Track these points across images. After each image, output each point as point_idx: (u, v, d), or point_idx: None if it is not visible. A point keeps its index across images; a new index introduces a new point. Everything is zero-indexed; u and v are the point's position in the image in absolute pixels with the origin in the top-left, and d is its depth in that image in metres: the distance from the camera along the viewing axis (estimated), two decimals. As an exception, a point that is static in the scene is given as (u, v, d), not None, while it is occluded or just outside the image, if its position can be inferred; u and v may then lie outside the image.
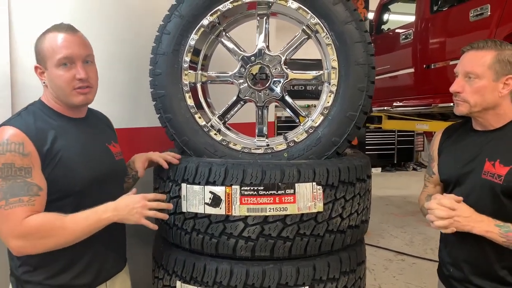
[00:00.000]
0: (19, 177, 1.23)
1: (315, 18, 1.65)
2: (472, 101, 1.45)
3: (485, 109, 1.47)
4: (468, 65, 1.47)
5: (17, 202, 1.22)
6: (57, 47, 1.33)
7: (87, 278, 1.40)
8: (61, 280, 1.35)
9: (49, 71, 1.34)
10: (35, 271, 1.33)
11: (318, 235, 1.53)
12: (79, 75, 1.35)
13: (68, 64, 1.34)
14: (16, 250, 1.26)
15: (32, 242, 1.24)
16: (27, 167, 1.25)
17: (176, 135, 1.74)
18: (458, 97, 1.49)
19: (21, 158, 1.24)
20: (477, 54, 1.46)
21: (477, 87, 1.44)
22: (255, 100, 1.77)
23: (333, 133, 1.67)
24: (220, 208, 1.50)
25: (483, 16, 3.66)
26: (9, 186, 1.22)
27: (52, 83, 1.36)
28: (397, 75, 4.99)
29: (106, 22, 1.99)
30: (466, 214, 1.33)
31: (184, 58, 1.72)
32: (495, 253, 1.43)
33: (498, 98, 1.44)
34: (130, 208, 1.33)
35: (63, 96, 1.37)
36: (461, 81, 1.48)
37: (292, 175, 1.49)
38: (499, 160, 1.43)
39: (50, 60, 1.33)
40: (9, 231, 1.23)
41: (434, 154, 1.71)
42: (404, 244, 4.76)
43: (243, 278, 1.50)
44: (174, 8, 1.70)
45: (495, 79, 1.43)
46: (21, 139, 1.25)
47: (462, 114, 1.51)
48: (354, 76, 1.64)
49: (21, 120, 1.30)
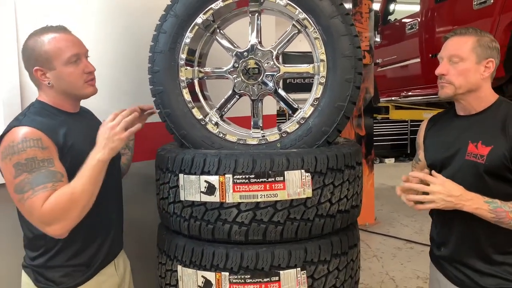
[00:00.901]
0: (43, 168, 1.31)
1: (303, 13, 1.72)
2: (457, 82, 1.53)
3: (468, 91, 1.55)
4: (452, 49, 1.55)
5: (41, 189, 1.28)
6: (64, 47, 1.43)
7: (100, 257, 1.54)
8: (80, 259, 1.48)
9: (57, 71, 1.43)
10: (58, 256, 1.45)
11: (308, 219, 1.61)
12: (88, 68, 1.50)
13: (76, 60, 1.46)
14: (55, 234, 1.32)
15: (62, 219, 1.30)
16: (48, 158, 1.33)
17: (175, 129, 1.84)
18: (443, 80, 1.57)
19: (42, 151, 1.32)
20: (461, 39, 1.55)
21: (461, 69, 1.53)
22: (249, 93, 1.85)
23: (323, 123, 1.74)
24: (215, 196, 1.60)
25: (486, 4, 3.67)
26: (34, 177, 1.29)
27: (61, 80, 1.45)
28: (404, 65, 5.01)
29: (108, 23, 2.10)
30: (456, 193, 1.39)
31: (180, 55, 1.82)
32: (482, 231, 1.50)
33: (480, 80, 1.53)
34: (106, 138, 1.40)
35: (75, 90, 1.49)
36: (446, 64, 1.56)
37: (282, 163, 1.58)
38: (481, 142, 1.50)
39: (57, 60, 1.42)
40: (41, 220, 1.30)
41: (420, 142, 1.79)
42: (413, 233, 4.81)
43: (238, 260, 1.60)
44: (169, 8, 1.80)
45: (477, 62, 1.52)
46: (38, 136, 1.34)
47: (447, 96, 1.58)
48: (341, 68, 1.71)
49: (30, 119, 1.39)
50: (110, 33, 2.12)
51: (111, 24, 2.12)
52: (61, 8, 1.94)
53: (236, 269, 1.60)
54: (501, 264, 1.52)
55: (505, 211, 1.39)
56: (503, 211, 1.39)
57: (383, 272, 3.80)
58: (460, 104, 1.62)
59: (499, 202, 1.40)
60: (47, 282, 1.46)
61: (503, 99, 1.58)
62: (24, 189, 1.29)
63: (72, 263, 1.47)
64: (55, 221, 1.30)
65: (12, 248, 1.71)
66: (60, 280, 1.46)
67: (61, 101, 1.50)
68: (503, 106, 1.55)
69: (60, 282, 1.46)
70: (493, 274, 1.53)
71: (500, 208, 1.39)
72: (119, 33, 2.16)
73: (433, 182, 1.40)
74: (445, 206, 1.40)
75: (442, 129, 1.68)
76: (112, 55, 2.13)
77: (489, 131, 1.51)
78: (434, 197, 1.39)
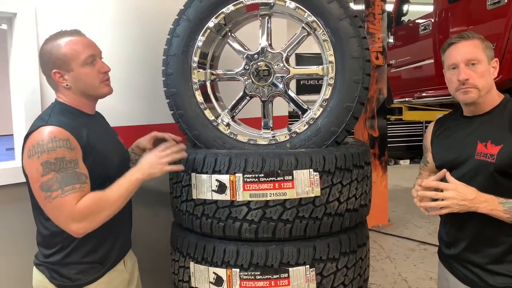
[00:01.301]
0: (70, 169, 1.37)
1: (312, 16, 1.77)
2: (480, 85, 1.52)
3: (487, 92, 1.55)
4: (469, 53, 1.54)
5: (70, 190, 1.35)
6: (81, 49, 1.49)
7: (113, 255, 1.59)
8: (94, 257, 1.53)
9: (74, 72, 1.49)
10: (74, 253, 1.50)
11: (317, 217, 1.65)
12: (104, 69, 1.55)
13: (92, 61, 1.52)
14: (77, 232, 1.39)
15: (89, 220, 1.38)
16: (75, 159, 1.39)
17: (188, 129, 1.90)
18: (467, 84, 1.54)
19: (69, 152, 1.38)
20: (471, 43, 1.55)
21: (481, 71, 1.52)
22: (259, 95, 1.90)
23: (332, 123, 1.78)
24: (226, 194, 1.65)
25: (500, 4, 3.64)
26: (63, 177, 1.35)
27: (79, 81, 1.50)
28: (418, 66, 4.99)
29: (124, 27, 2.17)
30: (470, 197, 1.40)
31: (193, 58, 1.87)
32: (493, 231, 1.50)
33: (492, 80, 1.55)
34: (150, 164, 1.52)
35: (92, 90, 1.54)
36: (466, 69, 1.53)
37: (290, 163, 1.62)
38: (490, 141, 1.51)
39: (74, 61, 1.47)
40: (67, 217, 1.36)
41: (427, 144, 1.80)
42: (427, 234, 4.77)
43: (248, 257, 1.64)
44: (182, 13, 1.86)
45: (488, 63, 1.54)
46: (66, 136, 1.39)
47: (472, 100, 1.55)
48: (349, 69, 1.74)
49: (57, 120, 1.44)
50: (125, 36, 2.20)
51: (126, 28, 2.19)
52: (79, 12, 2.02)
53: (246, 265, 1.65)
54: (511, 262, 1.53)
55: None
56: None
57: (395, 273, 3.79)
58: (471, 106, 1.61)
59: None
60: (63, 279, 1.49)
61: (509, 98, 1.59)
62: (52, 188, 1.34)
63: (87, 260, 1.52)
64: (83, 220, 1.37)
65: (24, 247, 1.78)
66: (75, 277, 1.50)
67: (79, 103, 1.55)
68: (509, 104, 1.56)
69: (76, 278, 1.50)
70: (503, 273, 1.53)
71: None
72: (134, 36, 2.23)
73: (447, 188, 1.41)
74: (459, 210, 1.41)
75: (450, 130, 1.69)
76: (127, 58, 2.21)
77: (497, 130, 1.52)
78: (448, 202, 1.40)
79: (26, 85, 1.84)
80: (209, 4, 1.82)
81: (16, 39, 1.84)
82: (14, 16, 1.83)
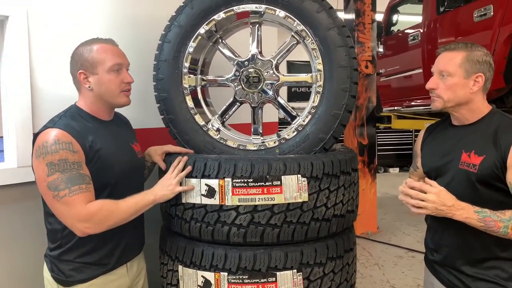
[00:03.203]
0: (74, 170, 1.44)
1: (301, 25, 1.80)
2: (446, 97, 1.58)
3: (458, 104, 1.59)
4: (441, 64, 1.60)
5: (77, 190, 1.42)
6: (110, 55, 1.58)
7: (111, 259, 1.62)
8: (90, 259, 1.57)
9: (99, 76, 1.56)
10: (70, 252, 1.56)
11: (304, 222, 1.67)
12: (127, 79, 1.63)
13: (118, 70, 1.59)
14: (81, 231, 1.45)
15: (95, 223, 1.45)
16: (78, 161, 1.46)
17: (178, 134, 1.91)
18: (433, 93, 1.63)
19: (72, 154, 1.45)
20: (449, 55, 1.59)
21: (449, 84, 1.57)
22: (249, 101, 1.92)
23: (320, 130, 1.81)
24: (215, 198, 1.66)
25: (487, 16, 3.73)
26: (68, 177, 1.42)
27: (102, 86, 1.57)
28: (407, 75, 5.07)
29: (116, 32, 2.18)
30: (449, 203, 1.44)
31: (184, 64, 1.90)
32: (474, 237, 1.54)
33: (469, 94, 1.57)
34: (162, 186, 1.65)
35: (111, 97, 1.60)
36: (436, 79, 1.61)
37: (279, 168, 1.64)
38: (473, 151, 1.55)
39: (101, 66, 1.56)
40: (75, 216, 1.43)
41: (417, 150, 1.85)
42: (416, 242, 4.81)
43: (236, 261, 1.66)
44: (173, 19, 1.88)
45: (466, 77, 1.56)
46: (69, 139, 1.46)
47: (437, 109, 1.64)
48: (337, 77, 1.78)
49: (64, 123, 1.51)
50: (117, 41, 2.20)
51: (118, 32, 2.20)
52: (71, 16, 2.04)
53: (234, 269, 1.66)
54: (493, 268, 1.56)
55: (494, 220, 1.43)
56: (492, 220, 1.43)
57: (384, 280, 3.82)
58: (453, 115, 1.67)
59: (488, 211, 1.45)
60: (59, 273, 1.57)
61: (496, 110, 1.63)
62: (59, 187, 1.41)
63: (81, 261, 1.56)
64: (91, 221, 1.44)
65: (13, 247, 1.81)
66: (68, 273, 1.56)
67: (96, 108, 1.61)
68: (495, 117, 1.59)
69: (69, 275, 1.56)
70: (485, 278, 1.56)
71: (489, 217, 1.44)
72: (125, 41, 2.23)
73: (429, 191, 1.45)
74: (436, 214, 1.46)
75: (438, 138, 1.73)
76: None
77: (481, 142, 1.55)
78: (428, 204, 1.44)
79: (17, 87, 1.85)
80: (201, 11, 1.85)
81: (7, 42, 1.85)
82: (6, 19, 1.84)
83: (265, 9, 1.83)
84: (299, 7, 1.77)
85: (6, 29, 1.84)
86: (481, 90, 1.59)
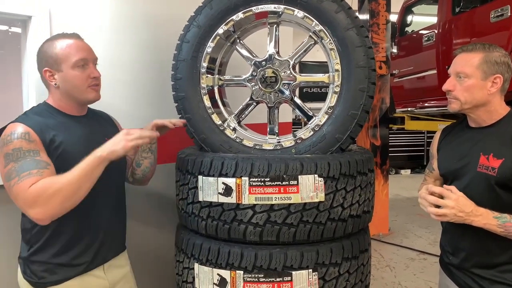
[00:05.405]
0: (28, 157, 1.38)
1: (319, 25, 1.80)
2: (463, 98, 1.58)
3: (475, 106, 1.58)
4: (458, 65, 1.60)
5: (27, 176, 1.34)
6: (73, 51, 1.53)
7: (85, 259, 1.57)
8: (62, 259, 1.53)
9: (64, 73, 1.53)
10: (40, 252, 1.51)
11: (320, 222, 1.68)
12: (94, 74, 1.58)
13: (84, 65, 1.55)
14: (36, 218, 1.35)
15: (42, 205, 1.33)
16: (34, 149, 1.41)
17: (195, 133, 1.93)
18: (450, 95, 1.62)
19: (28, 143, 1.40)
20: (467, 56, 1.59)
21: (466, 86, 1.57)
22: (266, 101, 1.93)
23: (337, 130, 1.81)
24: (232, 197, 1.68)
25: (504, 17, 3.70)
26: (20, 165, 1.36)
27: (67, 83, 1.54)
28: (421, 76, 5.04)
29: (136, 33, 2.22)
30: (467, 210, 1.44)
31: (202, 63, 1.91)
32: (493, 242, 1.53)
33: (487, 95, 1.56)
34: (113, 142, 1.46)
35: (78, 93, 1.57)
36: (453, 80, 1.61)
37: (296, 168, 1.65)
38: (492, 154, 1.54)
39: (65, 62, 1.52)
40: (24, 202, 1.35)
41: (433, 151, 1.84)
42: (427, 244, 4.79)
43: (252, 260, 1.67)
44: (192, 19, 1.90)
45: (483, 78, 1.55)
46: (25, 130, 1.42)
47: (454, 111, 1.63)
48: (355, 78, 1.78)
49: (26, 118, 1.49)
50: (135, 40, 2.24)
51: (137, 32, 2.24)
52: (93, 15, 2.07)
53: (250, 268, 1.67)
54: (511, 272, 1.55)
55: None
56: None
57: (395, 282, 3.81)
58: (470, 117, 1.66)
59: (508, 216, 1.44)
60: (31, 275, 1.52)
61: None
62: (11, 177, 1.36)
63: (53, 261, 1.52)
64: (37, 204, 1.33)
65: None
66: (41, 275, 1.51)
67: (64, 104, 1.59)
68: None
69: (41, 276, 1.51)
70: (502, 281, 1.56)
71: (509, 222, 1.43)
72: (145, 42, 2.27)
73: (448, 197, 1.45)
74: (455, 220, 1.45)
75: (455, 140, 1.72)
76: (138, 63, 2.25)
77: (500, 144, 1.54)
78: (446, 211, 1.43)
79: (39, 87, 1.88)
80: (219, 12, 1.86)
81: (30, 42, 1.88)
82: (29, 19, 1.87)
83: (284, 9, 1.84)
84: (318, 7, 1.78)
85: (29, 29, 1.88)
86: (499, 92, 1.58)
